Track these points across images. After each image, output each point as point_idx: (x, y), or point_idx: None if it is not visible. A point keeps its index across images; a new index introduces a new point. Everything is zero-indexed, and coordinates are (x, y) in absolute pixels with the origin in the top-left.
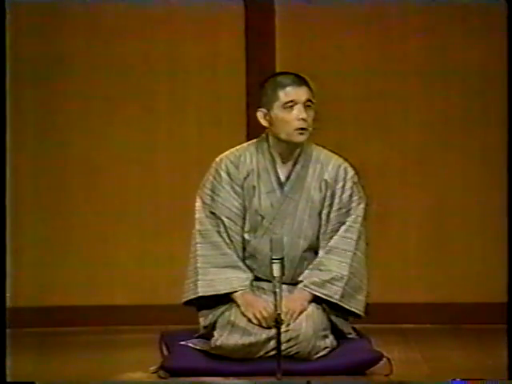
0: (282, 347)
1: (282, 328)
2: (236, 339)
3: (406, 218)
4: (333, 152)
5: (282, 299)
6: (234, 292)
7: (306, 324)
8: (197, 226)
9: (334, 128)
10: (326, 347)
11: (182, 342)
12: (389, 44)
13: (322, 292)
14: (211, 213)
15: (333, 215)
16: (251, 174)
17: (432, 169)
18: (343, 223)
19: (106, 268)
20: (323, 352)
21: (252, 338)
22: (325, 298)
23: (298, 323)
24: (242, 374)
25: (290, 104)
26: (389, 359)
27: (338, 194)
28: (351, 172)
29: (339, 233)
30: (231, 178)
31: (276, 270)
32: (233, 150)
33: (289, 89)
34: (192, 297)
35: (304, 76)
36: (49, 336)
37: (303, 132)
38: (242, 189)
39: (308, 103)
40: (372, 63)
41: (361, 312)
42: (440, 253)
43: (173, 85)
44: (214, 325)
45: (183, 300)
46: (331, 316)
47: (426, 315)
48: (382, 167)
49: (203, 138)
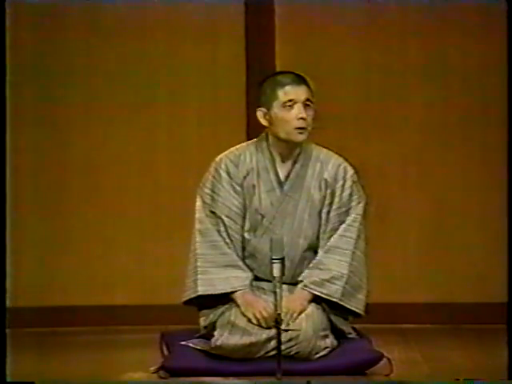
0: (282, 347)
1: (282, 328)
2: (236, 339)
3: (406, 218)
4: (332, 151)
5: (282, 299)
6: (233, 292)
7: (306, 324)
8: (197, 225)
9: (334, 128)
10: (326, 347)
11: (182, 342)
12: (389, 44)
13: (321, 291)
14: (211, 212)
15: (332, 214)
16: (251, 172)
17: (432, 169)
18: (343, 222)
19: (105, 268)
20: (323, 352)
21: (252, 338)
22: (325, 297)
23: (298, 323)
24: (242, 374)
25: (290, 103)
26: (389, 359)
27: (337, 193)
28: (351, 171)
29: (339, 232)
30: (231, 177)
31: (276, 270)
32: (232, 149)
33: (288, 88)
34: (192, 296)
35: (303, 75)
36: (49, 336)
37: (303, 131)
38: (242, 188)
39: (307, 102)
40: (372, 63)
41: (361, 311)
42: (440, 253)
43: (173, 85)
44: (214, 325)
45: (183, 299)
46: (331, 316)
47: (426, 315)
48: (382, 167)
49: (203, 138)
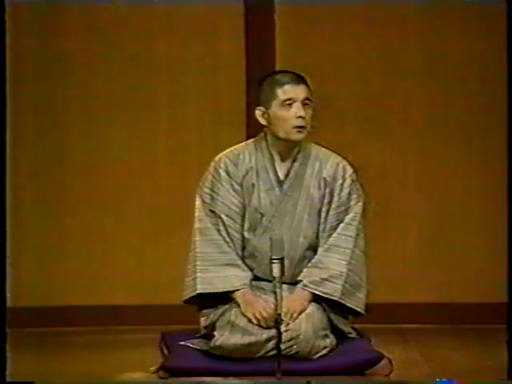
0: (282, 347)
1: (282, 328)
2: (236, 339)
3: (406, 218)
4: (331, 150)
5: (282, 299)
6: (233, 290)
7: (306, 324)
8: (196, 225)
9: (334, 128)
10: (326, 347)
11: (182, 342)
12: (388, 44)
13: (321, 290)
14: (211, 211)
15: (331, 213)
16: (250, 171)
17: (432, 169)
18: (342, 221)
19: (106, 268)
20: (323, 352)
21: (252, 338)
22: (325, 296)
23: (298, 323)
24: (242, 374)
25: (288, 102)
26: (389, 359)
27: (336, 192)
28: (350, 170)
29: (338, 230)
30: (230, 176)
31: (276, 270)
32: (231, 148)
33: (287, 87)
34: (191, 294)
35: (302, 74)
36: (49, 336)
37: (301, 130)
38: (241, 187)
39: (306, 101)
40: (372, 63)
41: (361, 309)
42: (440, 253)
43: (173, 85)
44: (214, 325)
45: (183, 298)
46: (331, 315)
47: (426, 315)
48: (382, 167)
49: (203, 137)
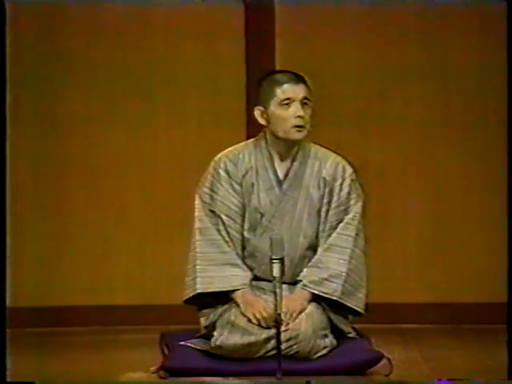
0: (282, 347)
1: (282, 328)
2: (236, 339)
3: (406, 218)
4: (331, 150)
5: (282, 299)
6: (232, 290)
7: (306, 323)
8: (196, 224)
9: (334, 127)
10: (326, 346)
11: (182, 342)
12: (389, 44)
13: (321, 290)
14: (210, 211)
15: (331, 213)
16: (250, 171)
17: (432, 169)
18: (341, 221)
19: (106, 268)
20: (323, 351)
21: (252, 338)
22: (325, 296)
23: (298, 323)
24: (242, 374)
25: (287, 101)
26: (389, 359)
27: (336, 192)
28: (349, 170)
29: (337, 230)
30: (230, 176)
31: (276, 270)
32: (231, 148)
33: (286, 86)
34: (191, 294)
35: (301, 74)
36: (49, 336)
37: (300, 129)
38: (241, 187)
39: (305, 101)
40: (372, 63)
41: (361, 309)
42: (440, 253)
43: (173, 85)
44: (214, 325)
45: (183, 298)
46: (331, 315)
47: (426, 315)
48: (382, 167)
49: (203, 137)
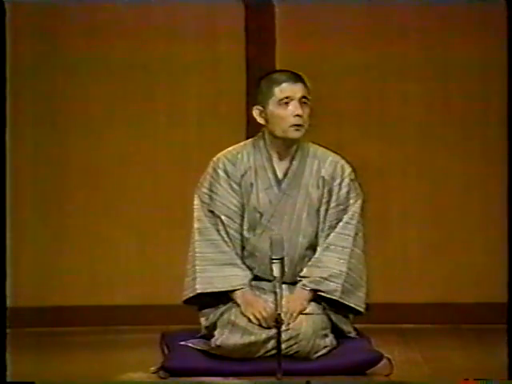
0: (282, 346)
1: (282, 327)
2: (236, 339)
3: (406, 218)
4: (330, 150)
5: (282, 299)
6: (232, 290)
7: (306, 323)
8: (195, 225)
9: (333, 127)
10: (326, 346)
11: (182, 342)
12: (388, 43)
13: (321, 290)
14: (209, 211)
15: (330, 212)
16: (249, 171)
17: (432, 169)
18: (340, 220)
19: (106, 268)
20: (323, 351)
21: (252, 338)
22: (324, 295)
23: (298, 322)
24: (242, 374)
25: (286, 100)
26: (389, 359)
27: (335, 191)
28: (348, 169)
29: (336, 230)
30: (229, 176)
31: (276, 269)
32: (230, 148)
33: (284, 85)
34: (191, 294)
35: (300, 73)
36: (49, 336)
37: (299, 128)
38: (240, 186)
39: (303, 100)
40: (372, 63)
41: (361, 308)
42: (440, 253)
43: (173, 85)
44: (214, 325)
45: (183, 298)
46: (331, 314)
47: (426, 315)
48: (382, 167)
49: (203, 137)
